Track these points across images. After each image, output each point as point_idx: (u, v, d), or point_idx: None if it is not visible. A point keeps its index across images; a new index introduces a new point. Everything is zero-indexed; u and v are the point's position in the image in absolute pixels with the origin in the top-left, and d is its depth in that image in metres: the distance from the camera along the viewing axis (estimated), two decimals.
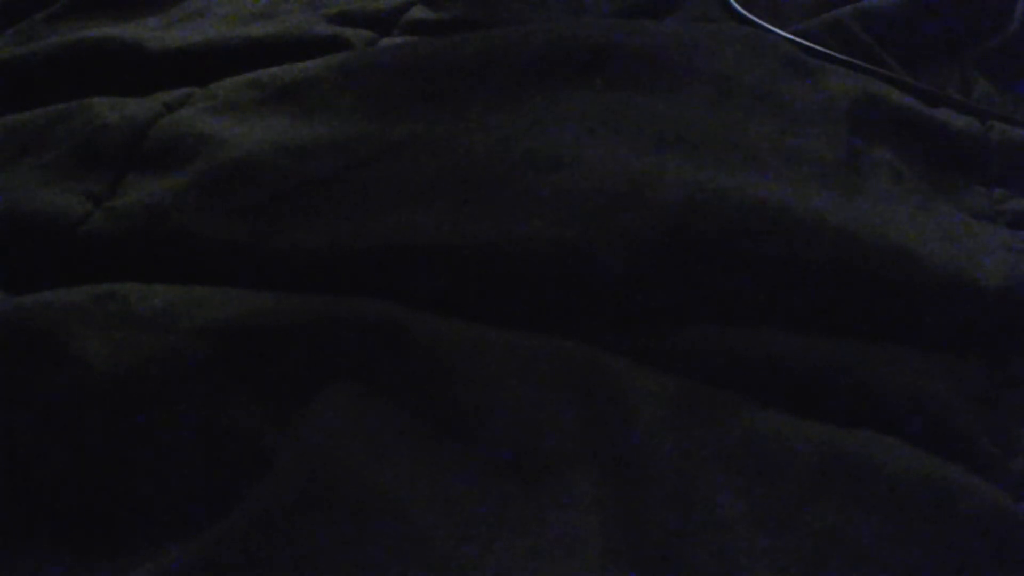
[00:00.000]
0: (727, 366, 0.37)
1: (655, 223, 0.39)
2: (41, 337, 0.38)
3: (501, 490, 0.33)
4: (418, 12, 0.63)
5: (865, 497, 0.32)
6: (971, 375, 0.37)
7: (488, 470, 0.33)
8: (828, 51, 0.55)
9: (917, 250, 0.39)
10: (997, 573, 0.30)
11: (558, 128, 0.46)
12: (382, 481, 0.32)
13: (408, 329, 0.37)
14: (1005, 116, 0.51)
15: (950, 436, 0.34)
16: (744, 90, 0.49)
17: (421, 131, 0.47)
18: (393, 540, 0.31)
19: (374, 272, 0.41)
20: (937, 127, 0.50)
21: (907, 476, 0.32)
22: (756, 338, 0.37)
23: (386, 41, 0.60)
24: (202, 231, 0.43)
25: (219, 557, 0.31)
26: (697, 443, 0.33)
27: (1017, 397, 0.36)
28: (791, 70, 0.51)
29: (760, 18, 0.59)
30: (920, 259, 0.39)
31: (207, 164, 0.46)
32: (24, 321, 0.38)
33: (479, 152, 0.45)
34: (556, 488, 0.32)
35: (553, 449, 0.34)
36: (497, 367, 0.36)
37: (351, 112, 0.49)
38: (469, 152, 0.45)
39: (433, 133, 0.47)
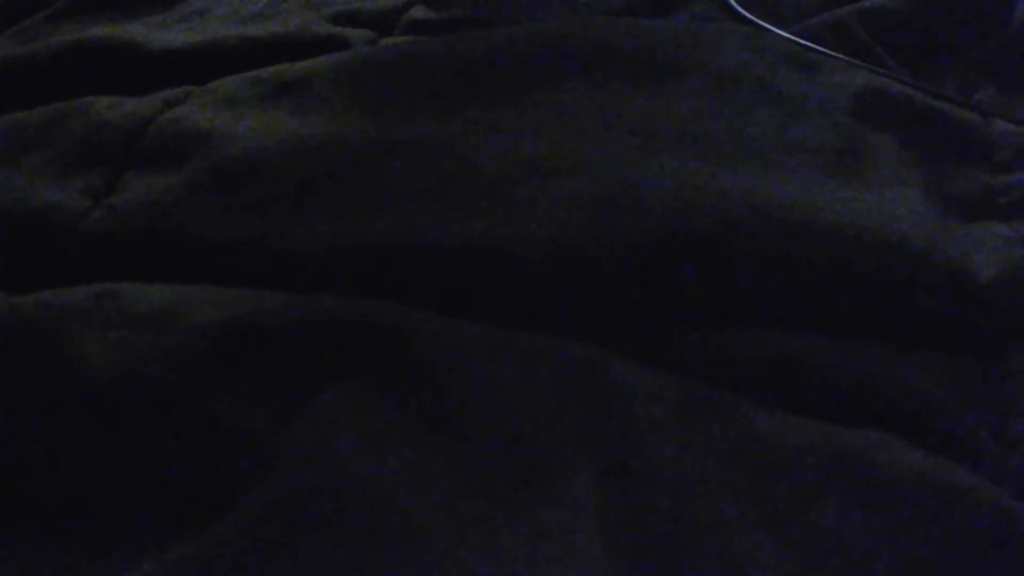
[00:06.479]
0: (727, 366, 0.37)
1: (654, 226, 0.40)
2: (41, 337, 0.38)
3: (501, 490, 0.33)
4: (418, 12, 0.63)
5: (865, 496, 0.32)
6: (969, 372, 0.37)
7: (488, 470, 0.33)
8: (828, 51, 0.55)
9: (914, 246, 0.39)
10: (997, 572, 0.30)
11: (559, 129, 0.47)
12: (382, 481, 0.32)
13: (408, 329, 0.37)
14: (1003, 114, 0.51)
15: (949, 434, 0.34)
16: (745, 85, 0.49)
17: (421, 131, 0.47)
18: (393, 540, 0.31)
19: (374, 272, 0.41)
20: (938, 115, 0.50)
21: (907, 475, 0.32)
22: (756, 338, 0.37)
23: (386, 41, 0.60)
24: (201, 229, 0.43)
25: (219, 557, 0.31)
26: (698, 443, 0.33)
27: (1016, 393, 0.36)
28: (791, 65, 0.51)
29: (760, 18, 0.59)
30: (917, 255, 0.39)
31: (206, 162, 0.46)
32: (24, 321, 0.38)
33: (480, 154, 0.45)
34: (556, 488, 0.32)
35: (553, 449, 0.34)
36: (497, 367, 0.36)
37: (351, 111, 0.49)
38: (470, 154, 0.45)
39: (434, 133, 0.47)
